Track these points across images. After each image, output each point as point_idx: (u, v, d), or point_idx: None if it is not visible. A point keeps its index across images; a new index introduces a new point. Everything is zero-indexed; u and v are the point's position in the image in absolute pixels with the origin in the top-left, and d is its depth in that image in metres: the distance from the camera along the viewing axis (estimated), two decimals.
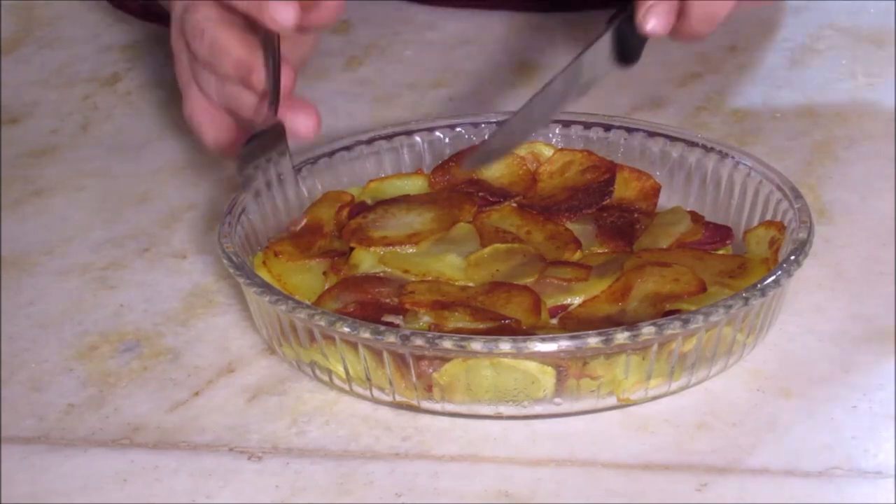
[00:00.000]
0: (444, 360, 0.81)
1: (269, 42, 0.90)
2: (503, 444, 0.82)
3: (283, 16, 0.87)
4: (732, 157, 0.99)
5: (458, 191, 1.00)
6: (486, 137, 0.85)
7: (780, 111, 1.20)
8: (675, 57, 1.27)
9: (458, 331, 0.84)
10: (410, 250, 0.94)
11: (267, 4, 0.87)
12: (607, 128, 1.04)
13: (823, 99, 1.21)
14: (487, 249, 0.93)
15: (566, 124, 1.05)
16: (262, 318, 0.89)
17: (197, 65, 0.93)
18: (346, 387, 0.86)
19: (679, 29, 0.88)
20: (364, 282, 0.90)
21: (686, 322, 0.81)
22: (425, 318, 0.86)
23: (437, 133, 1.05)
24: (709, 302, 0.84)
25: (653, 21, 0.86)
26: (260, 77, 0.90)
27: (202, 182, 1.13)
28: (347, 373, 0.84)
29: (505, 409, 0.83)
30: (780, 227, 0.93)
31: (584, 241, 0.95)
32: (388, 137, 1.04)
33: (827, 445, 0.81)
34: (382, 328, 0.81)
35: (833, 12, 1.36)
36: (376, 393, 0.84)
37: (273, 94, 0.90)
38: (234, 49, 0.89)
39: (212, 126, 0.95)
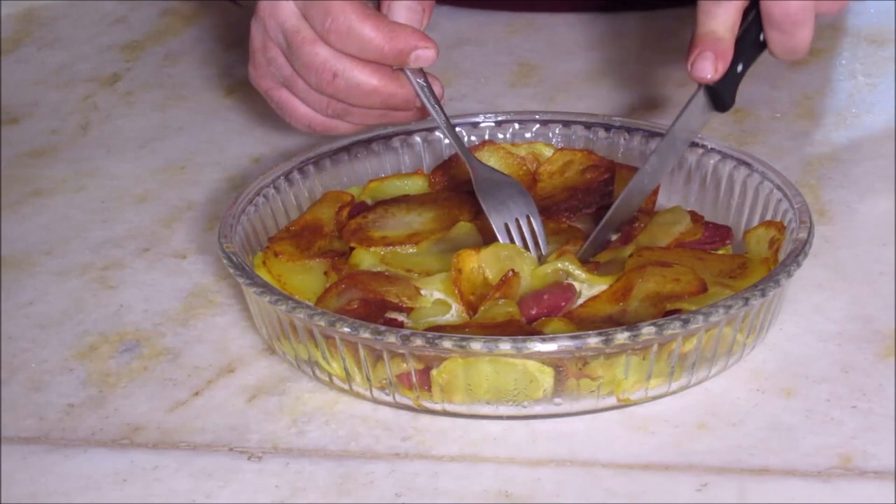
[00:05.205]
0: (442, 358, 0.81)
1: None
2: (503, 444, 0.82)
3: (426, 61, 0.93)
4: (732, 157, 0.99)
5: (458, 191, 1.00)
6: (608, 214, 0.93)
7: (780, 111, 1.20)
8: (674, 57, 1.27)
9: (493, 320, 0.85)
10: (411, 250, 0.94)
11: (408, 57, 0.93)
12: (607, 128, 1.04)
13: (823, 99, 1.21)
14: (489, 248, 0.93)
15: (566, 124, 1.05)
16: (261, 318, 0.89)
17: (297, 80, 0.96)
18: (346, 387, 0.86)
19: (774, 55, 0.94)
20: (371, 279, 0.90)
21: (686, 322, 0.81)
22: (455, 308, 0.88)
23: (437, 133, 1.05)
24: (709, 302, 0.84)
25: (699, 67, 0.91)
26: (416, 103, 0.95)
27: (202, 182, 1.13)
28: (347, 373, 0.84)
29: (504, 410, 0.83)
30: (780, 227, 0.93)
31: None
32: (388, 137, 1.04)
33: (827, 445, 0.81)
34: (382, 328, 0.81)
35: None
36: (376, 393, 0.84)
37: (442, 114, 0.95)
38: (385, 87, 0.94)
39: (314, 120, 0.99)
